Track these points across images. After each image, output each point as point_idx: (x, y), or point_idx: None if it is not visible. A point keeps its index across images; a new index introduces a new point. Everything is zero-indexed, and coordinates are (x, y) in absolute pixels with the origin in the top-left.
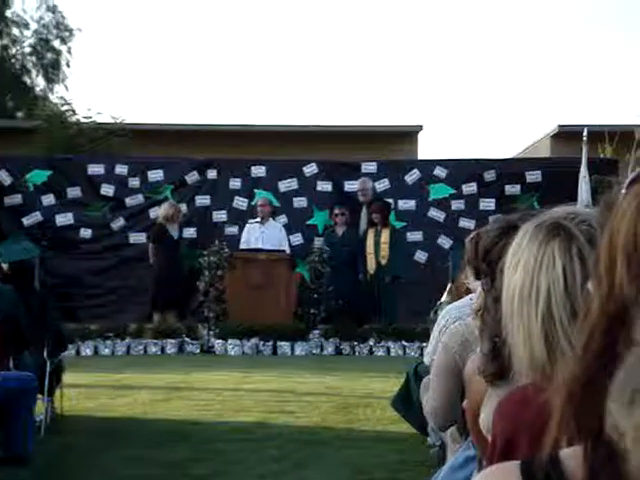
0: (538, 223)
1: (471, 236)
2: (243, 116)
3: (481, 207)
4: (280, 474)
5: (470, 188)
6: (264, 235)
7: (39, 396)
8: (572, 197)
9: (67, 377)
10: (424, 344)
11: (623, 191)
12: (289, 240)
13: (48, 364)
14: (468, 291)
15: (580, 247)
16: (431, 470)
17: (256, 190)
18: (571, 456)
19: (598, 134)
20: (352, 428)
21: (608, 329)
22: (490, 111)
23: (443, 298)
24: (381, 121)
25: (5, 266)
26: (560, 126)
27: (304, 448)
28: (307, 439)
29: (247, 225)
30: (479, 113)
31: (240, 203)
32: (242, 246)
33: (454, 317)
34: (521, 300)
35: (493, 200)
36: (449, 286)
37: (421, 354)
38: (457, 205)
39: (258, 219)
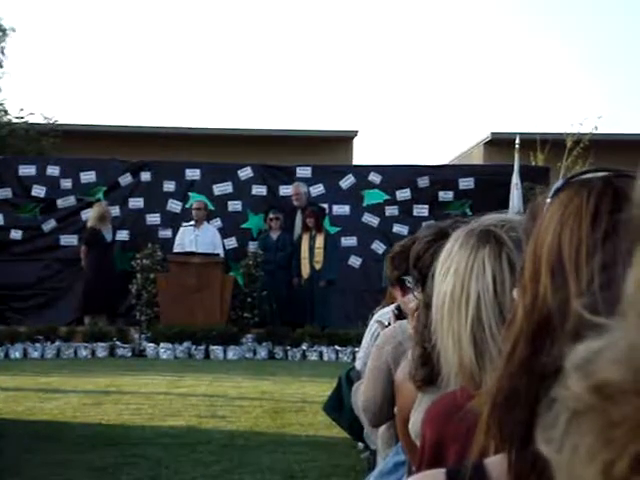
0: (469, 230)
1: (391, 252)
2: (178, 119)
3: (415, 213)
4: (211, 478)
5: (404, 194)
6: (198, 238)
7: None
8: (504, 204)
9: None
10: (356, 349)
11: (548, 200)
12: (223, 244)
13: None
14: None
15: (510, 254)
16: (362, 475)
17: (190, 193)
18: (496, 464)
19: (530, 142)
20: (284, 432)
21: (532, 339)
22: (424, 118)
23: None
24: (316, 126)
25: None
26: (493, 133)
27: (236, 452)
28: (239, 443)
29: (181, 228)
30: (414, 119)
31: (174, 206)
32: (176, 249)
33: (384, 321)
34: (451, 306)
35: (426, 206)
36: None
37: (353, 359)
38: (391, 211)
39: (192, 222)
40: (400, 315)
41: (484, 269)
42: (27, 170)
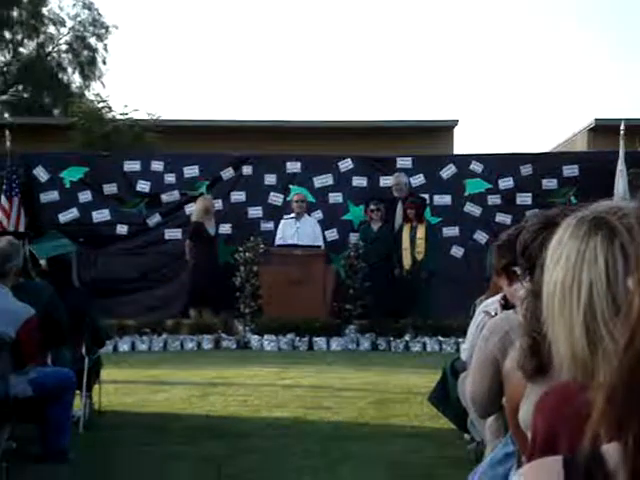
0: (580, 218)
1: (497, 241)
2: (278, 112)
3: (518, 202)
4: (317, 470)
5: (507, 183)
6: (299, 231)
7: (77, 392)
8: (609, 192)
9: (105, 373)
10: (460, 340)
11: None
12: (324, 235)
13: (86, 360)
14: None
15: (623, 242)
16: (468, 466)
17: (291, 186)
18: (613, 452)
19: (635, 128)
20: (389, 424)
21: None
22: (526, 105)
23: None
24: (417, 116)
25: (43, 262)
26: (597, 120)
27: (341, 444)
28: (344, 435)
29: (282, 221)
30: (515, 107)
31: (275, 199)
32: (278, 242)
33: (491, 311)
34: (562, 295)
35: (530, 195)
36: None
37: (457, 349)
38: (493, 200)
39: (293, 215)
40: (506, 305)
41: (596, 257)
42: (132, 166)
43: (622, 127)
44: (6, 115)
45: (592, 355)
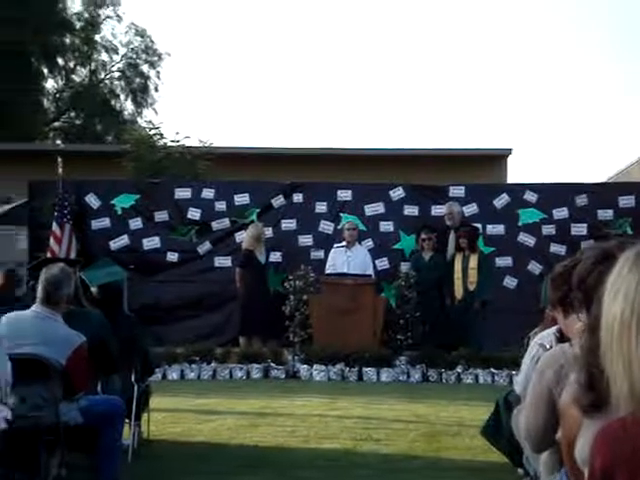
0: (638, 251)
1: (553, 272)
2: (329, 140)
3: (573, 232)
4: None
5: (561, 213)
6: (350, 259)
7: (126, 420)
8: None
9: (154, 401)
10: (513, 372)
11: None
12: (374, 264)
13: (136, 388)
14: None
15: None
16: None
17: (342, 214)
18: None
19: None
20: (440, 457)
21: None
22: (581, 134)
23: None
24: (470, 144)
25: (94, 290)
26: None
27: (392, 476)
28: (395, 467)
29: (333, 249)
30: (570, 136)
31: (326, 227)
32: (328, 270)
33: (546, 344)
34: (621, 329)
35: (585, 225)
36: (546, 314)
37: (510, 382)
38: (548, 230)
39: (344, 243)
40: (562, 338)
41: None
42: (183, 193)
43: None
44: (58, 142)
45: None
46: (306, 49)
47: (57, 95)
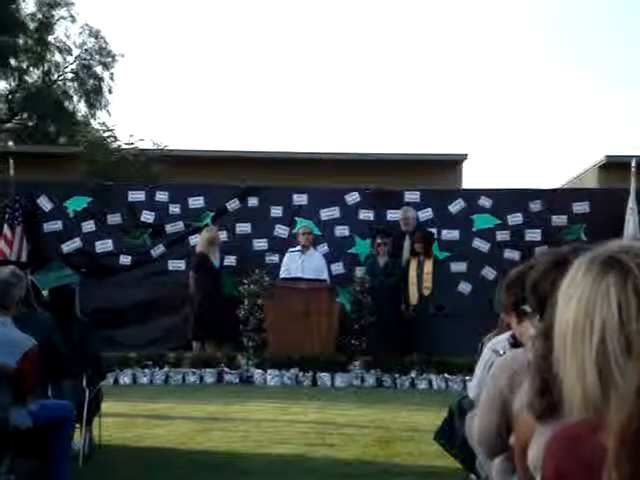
0: (592, 257)
1: (507, 278)
2: (286, 143)
3: (527, 238)
4: None
5: (516, 219)
6: (305, 264)
7: (77, 425)
8: (619, 229)
9: (105, 406)
10: (467, 377)
11: None
12: (329, 269)
13: (87, 393)
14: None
15: (636, 281)
16: None
17: (297, 218)
18: None
19: None
20: (394, 462)
21: None
22: (536, 140)
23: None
24: (425, 150)
25: (45, 293)
26: (607, 156)
27: None
28: (348, 472)
29: (287, 253)
30: (525, 142)
31: (281, 231)
32: (282, 275)
33: (499, 351)
34: (575, 335)
35: (539, 231)
36: (500, 320)
37: (464, 387)
38: (502, 236)
39: (299, 247)
40: (515, 344)
41: (609, 297)
42: (136, 196)
43: (633, 164)
44: (10, 143)
45: (603, 396)
46: (256, 51)
47: (9, 96)
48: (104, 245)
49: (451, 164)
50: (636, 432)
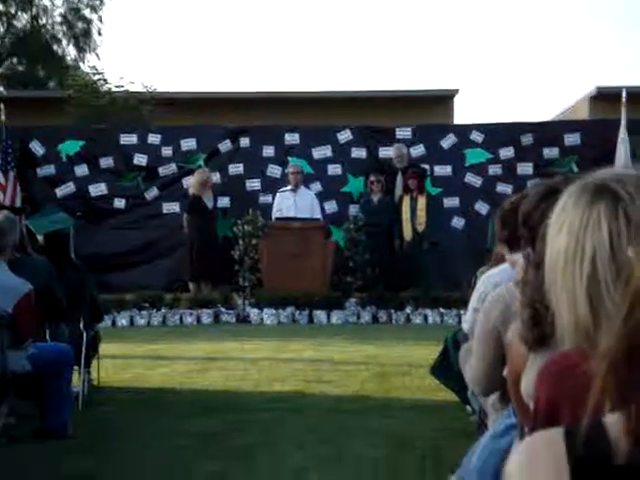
0: (583, 185)
1: (499, 211)
2: (276, 82)
3: (519, 171)
4: (319, 443)
5: (507, 152)
6: (297, 203)
7: (76, 367)
8: (611, 160)
9: (103, 348)
10: (462, 311)
11: None
12: (323, 208)
13: (84, 335)
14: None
15: (626, 209)
16: (471, 438)
17: (289, 157)
18: (615, 423)
19: (638, 95)
20: (391, 397)
21: None
22: (527, 73)
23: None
24: (416, 85)
25: (40, 238)
26: (598, 87)
27: (343, 417)
28: (345, 408)
29: (278, 193)
30: (515, 75)
31: (274, 171)
32: (275, 214)
33: (493, 283)
34: (565, 263)
35: (531, 164)
36: (493, 253)
37: (459, 322)
38: (494, 170)
39: (289, 187)
40: None
41: (600, 224)
42: (128, 139)
43: (624, 95)
44: (0, 88)
45: (595, 324)
46: None
47: None
48: (98, 189)
49: (443, 99)
50: (623, 358)
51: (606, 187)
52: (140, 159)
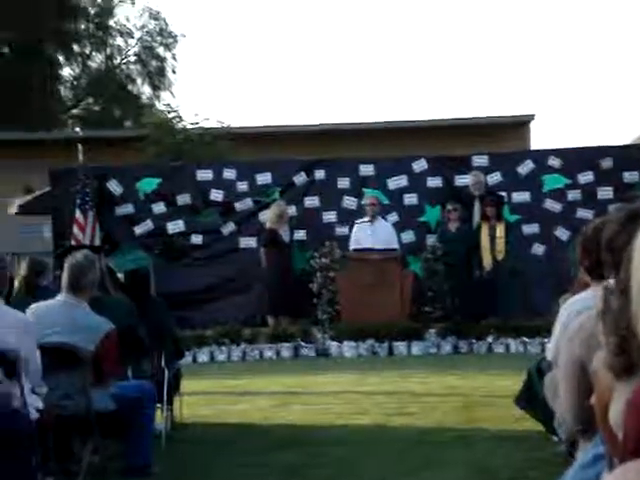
0: None
1: (581, 235)
2: (349, 114)
3: (599, 196)
4: (401, 476)
5: (586, 177)
6: (374, 234)
7: (158, 405)
8: None
9: (185, 384)
10: (545, 340)
11: None
12: (399, 238)
13: (166, 372)
14: (588, 285)
15: None
16: (558, 469)
17: (365, 189)
18: None
19: None
20: (474, 428)
21: None
22: (604, 97)
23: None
24: (491, 112)
25: (121, 276)
26: None
27: (425, 449)
28: (428, 440)
29: (356, 225)
30: (593, 99)
31: (349, 202)
32: (352, 246)
33: (576, 310)
34: None
35: (611, 188)
36: (576, 279)
37: (542, 350)
38: (573, 195)
39: (367, 218)
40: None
41: None
42: (204, 175)
43: None
44: (77, 129)
45: None
46: (320, 23)
47: (74, 82)
48: (175, 226)
49: (519, 125)
50: None
51: None
52: (216, 195)
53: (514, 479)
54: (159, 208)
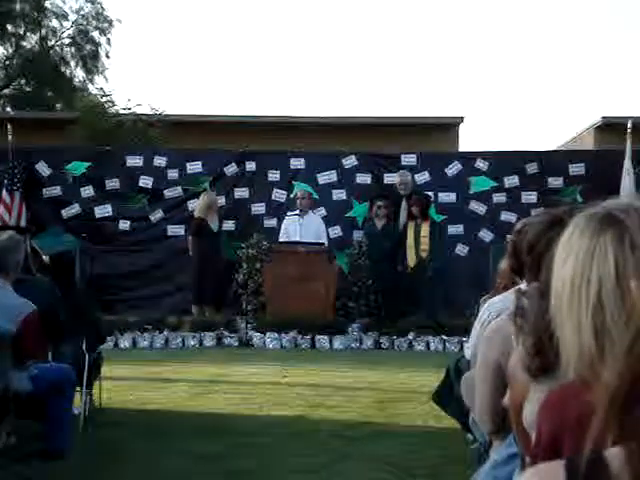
0: (589, 215)
1: (505, 240)
2: (282, 108)
3: (523, 200)
4: (320, 468)
5: (512, 181)
6: (303, 228)
7: (78, 389)
8: (616, 190)
9: (105, 369)
10: (464, 339)
11: None
12: (328, 233)
13: (87, 356)
14: (509, 287)
15: (633, 238)
16: (472, 466)
17: (295, 182)
18: (616, 456)
19: None
20: (392, 423)
21: None
22: (532, 102)
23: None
24: (422, 112)
25: (46, 258)
26: (604, 118)
27: (343, 443)
28: (346, 434)
29: (286, 217)
30: (521, 104)
31: (279, 195)
32: (281, 239)
33: (496, 311)
34: (571, 292)
35: (535, 193)
36: (497, 281)
37: (461, 349)
38: (498, 198)
39: (297, 211)
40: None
41: (606, 254)
42: (134, 161)
43: (629, 125)
44: (8, 109)
45: (599, 353)
46: (255, 13)
47: (7, 62)
48: (103, 210)
49: (448, 127)
50: (624, 391)
51: (612, 217)
52: (146, 181)
53: (429, 475)
54: (87, 192)
